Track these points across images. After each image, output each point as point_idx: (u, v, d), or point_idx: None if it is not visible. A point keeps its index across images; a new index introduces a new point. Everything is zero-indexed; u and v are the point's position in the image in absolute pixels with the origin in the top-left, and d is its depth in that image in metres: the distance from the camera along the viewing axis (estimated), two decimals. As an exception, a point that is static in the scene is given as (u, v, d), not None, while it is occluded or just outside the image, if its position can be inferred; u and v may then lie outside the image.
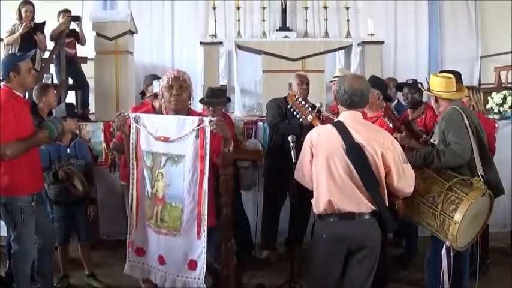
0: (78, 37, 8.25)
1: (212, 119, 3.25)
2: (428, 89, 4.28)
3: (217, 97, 5.41)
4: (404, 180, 3.40)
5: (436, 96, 4.24)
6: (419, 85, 5.54)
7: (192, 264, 3.33)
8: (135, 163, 3.55)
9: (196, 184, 3.29)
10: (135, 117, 3.50)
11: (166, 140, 3.36)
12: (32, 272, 4.49)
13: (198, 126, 3.25)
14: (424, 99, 5.98)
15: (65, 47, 7.90)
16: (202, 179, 3.27)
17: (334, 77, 7.24)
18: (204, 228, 3.28)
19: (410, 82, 5.79)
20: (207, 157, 3.24)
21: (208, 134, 3.23)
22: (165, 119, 3.49)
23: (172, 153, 3.35)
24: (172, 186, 3.36)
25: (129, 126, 3.55)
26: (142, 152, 3.49)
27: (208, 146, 3.24)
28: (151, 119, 3.51)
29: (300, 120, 4.46)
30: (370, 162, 3.28)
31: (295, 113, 4.26)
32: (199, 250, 3.31)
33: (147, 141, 3.46)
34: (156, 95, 5.08)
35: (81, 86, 8.29)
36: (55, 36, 7.78)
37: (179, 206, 3.33)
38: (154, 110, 4.95)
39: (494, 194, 3.90)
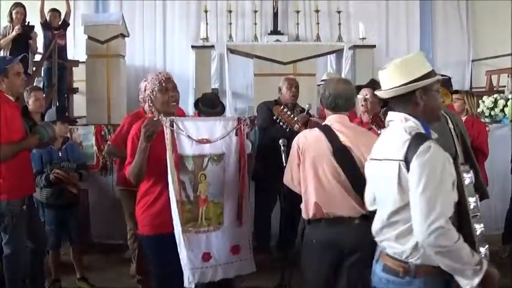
0: (67, 26, 8.32)
1: (246, 117, 3.56)
2: None
3: (215, 107, 5.31)
4: None
5: None
6: None
7: (234, 249, 3.52)
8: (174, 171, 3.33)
9: (238, 178, 3.54)
10: (171, 122, 3.32)
11: (208, 141, 3.45)
12: (23, 275, 4.47)
13: (238, 125, 3.52)
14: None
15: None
16: (244, 173, 3.54)
17: (322, 80, 7.26)
18: (247, 217, 3.60)
19: None
20: (245, 153, 3.55)
21: (245, 132, 3.56)
22: (201, 122, 3.61)
23: (212, 153, 3.46)
24: (213, 184, 3.46)
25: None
26: (180, 158, 3.36)
27: (244, 143, 3.55)
28: (187, 123, 3.43)
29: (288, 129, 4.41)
30: (358, 165, 3.26)
31: (281, 123, 4.25)
32: (242, 235, 3.57)
33: (187, 145, 3.38)
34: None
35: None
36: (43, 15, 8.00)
37: (220, 201, 3.48)
38: (144, 113, 4.91)
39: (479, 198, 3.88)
